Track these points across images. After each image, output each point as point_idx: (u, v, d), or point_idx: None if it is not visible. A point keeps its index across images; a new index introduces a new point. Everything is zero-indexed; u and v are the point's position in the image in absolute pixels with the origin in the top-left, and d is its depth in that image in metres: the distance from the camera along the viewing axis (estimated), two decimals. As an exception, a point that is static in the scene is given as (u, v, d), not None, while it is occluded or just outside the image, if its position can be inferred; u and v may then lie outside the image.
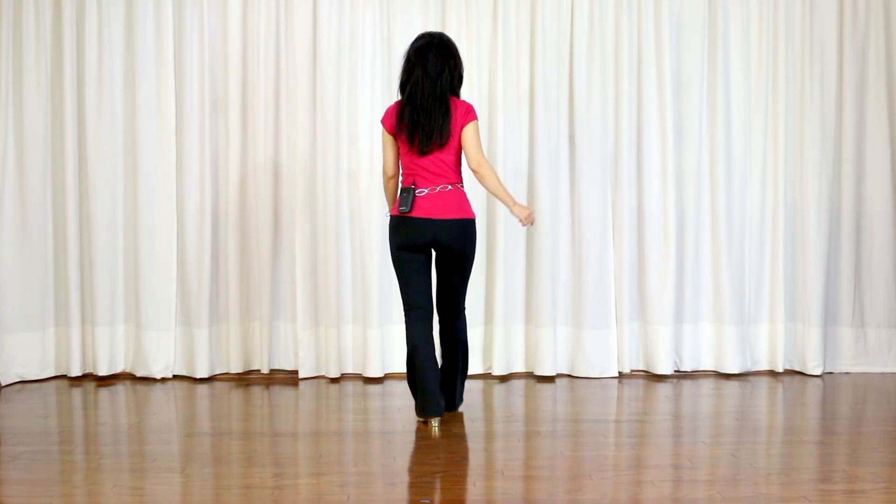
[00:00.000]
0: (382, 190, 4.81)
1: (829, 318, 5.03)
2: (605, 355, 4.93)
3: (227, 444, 3.65)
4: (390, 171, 3.94)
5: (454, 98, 3.86)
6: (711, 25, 4.95)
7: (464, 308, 4.04)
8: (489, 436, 3.77)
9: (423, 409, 3.84)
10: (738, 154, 4.98)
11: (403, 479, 3.18)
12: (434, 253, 3.92)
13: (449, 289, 3.96)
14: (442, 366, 4.09)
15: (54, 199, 4.87)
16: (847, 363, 5.07)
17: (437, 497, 3.02)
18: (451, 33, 4.73)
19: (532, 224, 4.06)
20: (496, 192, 3.85)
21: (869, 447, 3.58)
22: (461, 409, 4.20)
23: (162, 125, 4.84)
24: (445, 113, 3.78)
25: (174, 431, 3.88)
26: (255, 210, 4.91)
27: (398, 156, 3.91)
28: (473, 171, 3.81)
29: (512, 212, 3.88)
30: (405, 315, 3.91)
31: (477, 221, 4.08)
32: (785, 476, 3.19)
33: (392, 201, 3.98)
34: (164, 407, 4.36)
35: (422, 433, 3.81)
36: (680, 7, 4.94)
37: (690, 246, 4.98)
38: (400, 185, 3.94)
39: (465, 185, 3.95)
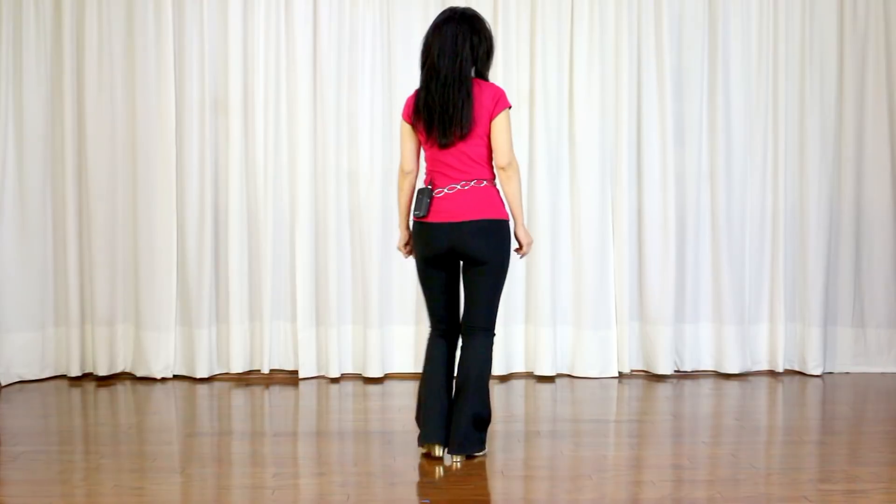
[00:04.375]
0: (391, 190, 4.76)
1: (829, 318, 5.02)
2: (605, 355, 4.92)
3: (227, 444, 3.65)
4: (407, 166, 3.43)
5: (479, 80, 3.35)
6: (711, 25, 4.95)
7: (487, 329, 3.40)
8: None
9: (423, 435, 3.43)
10: (738, 154, 4.97)
11: (403, 479, 3.18)
12: (462, 262, 3.43)
13: (472, 303, 3.39)
14: (454, 395, 3.43)
15: (54, 199, 4.87)
16: (847, 363, 5.06)
17: (437, 497, 3.02)
18: (451, 33, 4.72)
19: (522, 256, 3.54)
20: (513, 201, 3.37)
21: (869, 447, 3.58)
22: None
23: (162, 125, 4.84)
24: (466, 98, 3.26)
25: (174, 431, 3.89)
26: (255, 210, 4.91)
27: (417, 150, 3.44)
28: (500, 168, 3.33)
29: (517, 231, 3.43)
30: (430, 328, 3.53)
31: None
32: (785, 476, 3.19)
33: (406, 203, 3.48)
34: (164, 407, 4.36)
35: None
36: (680, 7, 4.94)
37: (690, 246, 4.98)
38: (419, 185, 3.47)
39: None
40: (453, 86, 3.27)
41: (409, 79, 4.85)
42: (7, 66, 4.78)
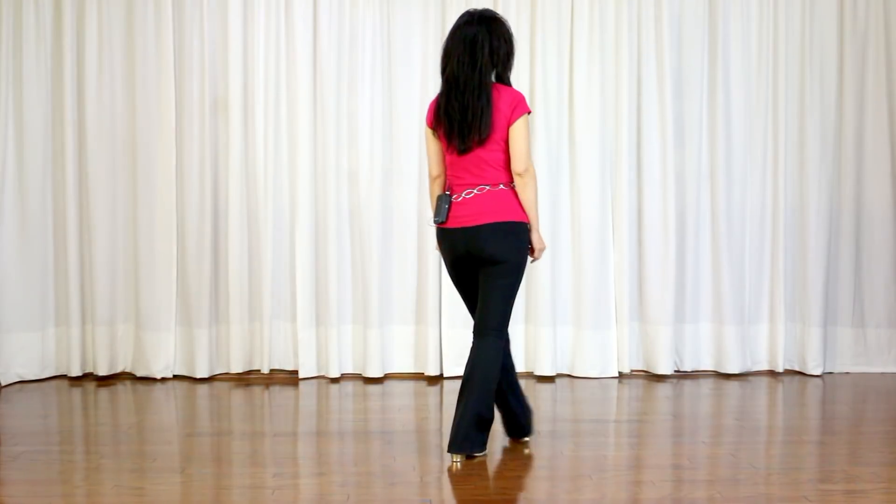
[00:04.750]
0: (391, 190, 4.89)
1: (829, 318, 5.02)
2: (604, 355, 4.92)
3: (227, 444, 3.65)
4: (434, 171, 3.45)
5: (499, 85, 3.34)
6: (711, 25, 4.95)
7: (498, 330, 3.37)
8: (489, 436, 3.76)
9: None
10: (738, 154, 4.98)
11: (403, 479, 3.18)
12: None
13: (485, 304, 3.36)
14: (458, 394, 3.42)
15: (54, 199, 4.87)
16: (847, 363, 5.06)
17: (438, 497, 3.02)
18: (451, 33, 4.72)
19: (533, 261, 3.50)
20: (529, 207, 3.35)
21: (869, 447, 3.58)
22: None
23: (162, 125, 4.84)
24: (486, 104, 3.26)
25: (174, 431, 3.89)
26: (254, 210, 4.91)
27: (442, 154, 3.43)
28: (517, 174, 3.31)
29: (531, 236, 3.39)
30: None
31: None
32: (785, 476, 3.19)
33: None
34: (164, 407, 4.36)
35: (422, 433, 3.81)
36: (680, 7, 4.94)
37: (690, 246, 4.98)
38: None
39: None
40: (472, 93, 3.27)
41: (409, 79, 4.87)
42: (7, 66, 4.78)
